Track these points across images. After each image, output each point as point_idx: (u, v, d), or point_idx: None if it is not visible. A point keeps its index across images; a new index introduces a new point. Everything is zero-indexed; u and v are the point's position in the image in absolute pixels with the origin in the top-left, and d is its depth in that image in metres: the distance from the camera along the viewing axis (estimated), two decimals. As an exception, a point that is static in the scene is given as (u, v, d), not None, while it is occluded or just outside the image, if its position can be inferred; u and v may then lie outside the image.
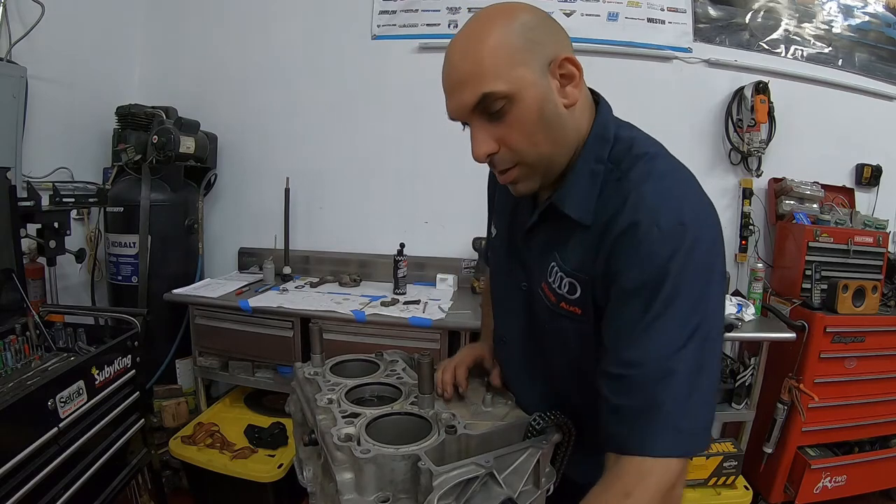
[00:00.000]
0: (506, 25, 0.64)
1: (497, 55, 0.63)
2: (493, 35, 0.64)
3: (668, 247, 0.60)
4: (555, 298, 0.74)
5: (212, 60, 2.71)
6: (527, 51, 0.64)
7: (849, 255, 2.15)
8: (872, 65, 2.53)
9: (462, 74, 0.65)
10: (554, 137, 0.68)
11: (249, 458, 1.89)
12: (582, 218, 0.69)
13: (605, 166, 0.70)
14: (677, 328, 0.59)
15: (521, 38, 0.64)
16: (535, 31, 0.65)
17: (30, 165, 2.10)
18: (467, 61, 0.65)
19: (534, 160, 0.69)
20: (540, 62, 0.65)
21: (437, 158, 2.56)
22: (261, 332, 2.10)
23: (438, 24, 2.52)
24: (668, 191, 0.64)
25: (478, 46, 0.64)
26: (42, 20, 2.04)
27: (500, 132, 0.67)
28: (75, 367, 1.35)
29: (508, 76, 0.63)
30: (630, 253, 0.62)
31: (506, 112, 0.65)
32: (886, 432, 2.18)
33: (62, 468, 1.27)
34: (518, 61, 0.64)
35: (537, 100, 0.65)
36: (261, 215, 2.68)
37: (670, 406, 0.58)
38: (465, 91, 0.65)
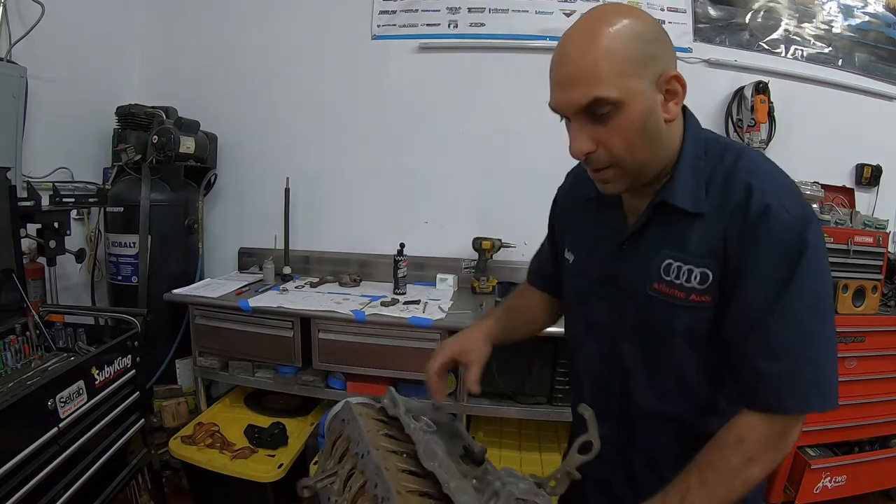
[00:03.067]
0: (629, 33, 0.66)
1: (615, 62, 0.65)
2: (615, 40, 0.65)
3: (798, 226, 0.66)
4: (683, 293, 0.74)
5: (212, 60, 2.71)
6: (642, 63, 0.66)
7: (849, 255, 2.15)
8: (872, 65, 2.53)
9: (576, 72, 0.67)
10: (651, 147, 0.71)
11: (249, 458, 1.89)
12: (697, 207, 0.72)
13: (703, 162, 0.74)
14: (815, 299, 0.67)
15: (639, 50, 0.66)
16: (652, 44, 0.67)
17: (30, 165, 2.10)
18: (584, 61, 0.66)
19: (629, 165, 0.71)
20: (652, 76, 0.67)
21: (437, 158, 2.56)
22: (261, 332, 2.10)
23: (438, 24, 2.52)
24: (780, 177, 0.71)
25: (597, 48, 0.65)
26: (42, 20, 2.04)
27: (601, 134, 0.69)
28: (75, 367, 1.35)
29: (621, 84, 0.65)
30: (766, 234, 0.66)
31: (611, 117, 0.67)
32: (886, 432, 2.18)
33: (62, 468, 1.26)
34: (633, 72, 0.66)
35: (643, 111, 0.67)
36: (261, 215, 2.68)
37: (813, 371, 0.66)
38: (576, 90, 0.67)
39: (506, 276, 2.41)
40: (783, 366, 0.66)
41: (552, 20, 2.45)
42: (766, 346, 0.67)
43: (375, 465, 0.73)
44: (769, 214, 0.66)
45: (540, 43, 2.45)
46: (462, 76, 2.53)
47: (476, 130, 2.53)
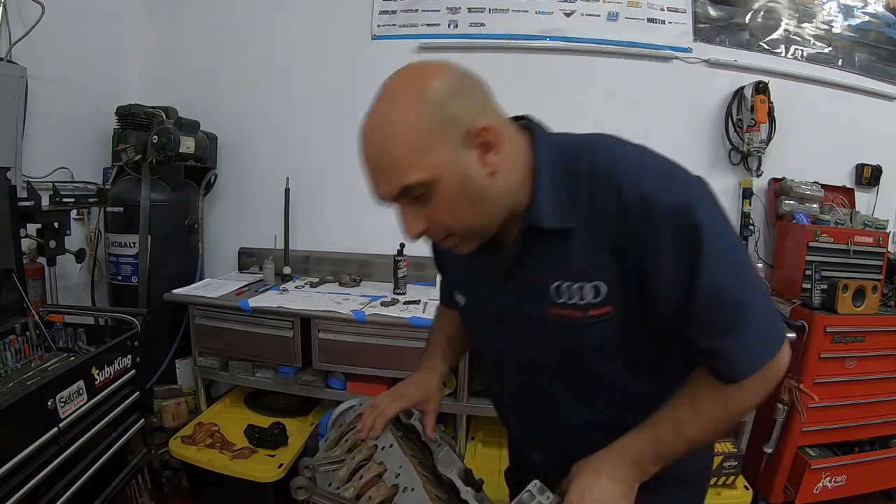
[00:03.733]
0: (417, 104, 0.62)
1: (410, 144, 0.62)
2: (404, 119, 0.62)
3: (683, 205, 0.62)
4: (580, 312, 0.71)
5: (212, 60, 2.71)
6: (441, 131, 0.62)
7: (849, 255, 2.15)
8: (872, 65, 2.53)
9: (377, 163, 0.65)
10: (481, 209, 0.67)
11: (249, 458, 1.89)
12: (565, 223, 0.68)
13: (561, 171, 0.69)
14: (729, 265, 0.64)
15: (433, 118, 0.61)
16: (448, 103, 0.62)
17: (30, 165, 2.10)
18: (382, 150, 0.64)
19: (465, 231, 0.69)
20: (456, 138, 0.63)
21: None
22: (261, 332, 2.10)
23: (438, 24, 2.52)
24: (645, 158, 0.67)
25: (390, 135, 0.62)
26: (42, 20, 2.04)
27: (427, 212, 0.67)
28: (75, 367, 1.35)
29: (424, 164, 0.62)
30: (654, 229, 0.63)
31: (429, 196, 0.64)
32: (886, 432, 2.18)
33: (62, 468, 1.26)
34: (433, 145, 0.62)
35: (457, 179, 0.64)
36: (261, 215, 2.68)
37: (754, 329, 0.65)
38: (383, 181, 0.65)
39: (506, 276, 2.41)
40: (726, 341, 0.64)
41: (552, 20, 2.45)
42: (702, 331, 0.66)
43: (399, 457, 0.76)
44: (648, 206, 0.62)
45: (540, 43, 2.45)
46: (462, 76, 2.53)
47: (476, 130, 2.52)
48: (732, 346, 0.65)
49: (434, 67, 0.66)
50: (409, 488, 0.71)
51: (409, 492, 0.70)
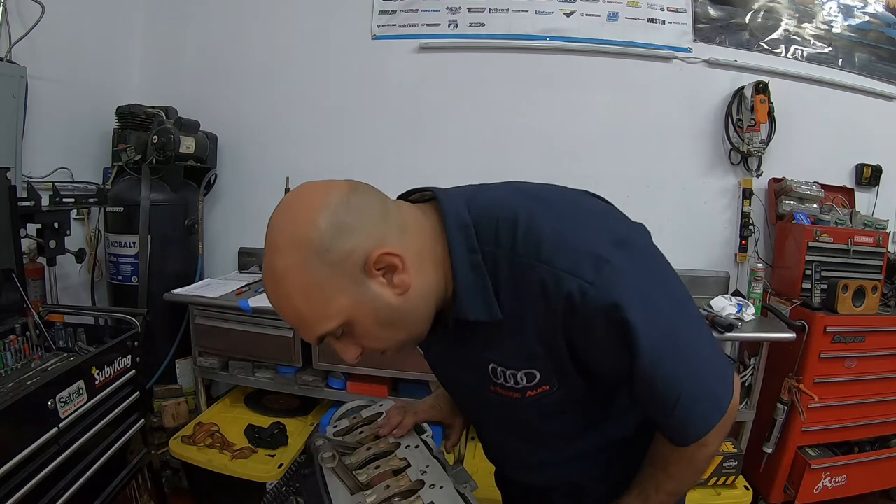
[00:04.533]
0: (301, 262, 0.58)
1: (308, 304, 0.60)
2: (293, 283, 0.59)
3: (606, 289, 0.58)
4: (517, 394, 0.71)
5: (212, 60, 2.71)
6: (336, 277, 0.59)
7: (849, 255, 2.15)
8: (872, 65, 2.53)
9: (290, 320, 0.64)
10: (402, 327, 0.66)
11: (249, 458, 1.89)
12: (493, 316, 0.65)
13: (481, 252, 0.64)
14: (668, 337, 0.62)
15: (323, 271, 0.58)
16: (336, 243, 0.58)
17: (30, 165, 2.10)
18: (288, 317, 0.63)
19: (396, 347, 0.69)
20: (355, 274, 0.60)
21: (437, 158, 2.56)
22: (261, 332, 2.09)
23: (438, 24, 2.52)
24: (565, 241, 0.61)
25: (287, 302, 0.61)
26: (42, 20, 2.04)
27: (355, 341, 0.67)
28: (75, 367, 1.35)
29: (331, 314, 0.61)
30: (583, 321, 0.60)
31: (349, 331, 0.64)
32: (886, 432, 2.18)
33: (62, 468, 1.27)
34: (331, 294, 0.60)
35: (369, 313, 0.62)
36: (261, 215, 2.63)
37: (701, 394, 0.66)
38: (303, 334, 0.65)
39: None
40: (675, 413, 0.65)
41: (552, 20, 2.45)
42: (649, 405, 0.67)
43: (427, 457, 0.79)
44: (573, 301, 0.59)
45: (540, 43, 2.45)
46: (462, 76, 2.53)
47: (476, 130, 2.53)
48: (680, 417, 0.66)
49: (312, 204, 0.60)
50: (437, 485, 0.72)
51: (437, 489, 0.72)
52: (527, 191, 0.69)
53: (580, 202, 0.70)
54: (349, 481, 0.75)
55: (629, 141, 2.48)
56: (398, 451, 0.83)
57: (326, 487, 0.75)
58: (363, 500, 0.71)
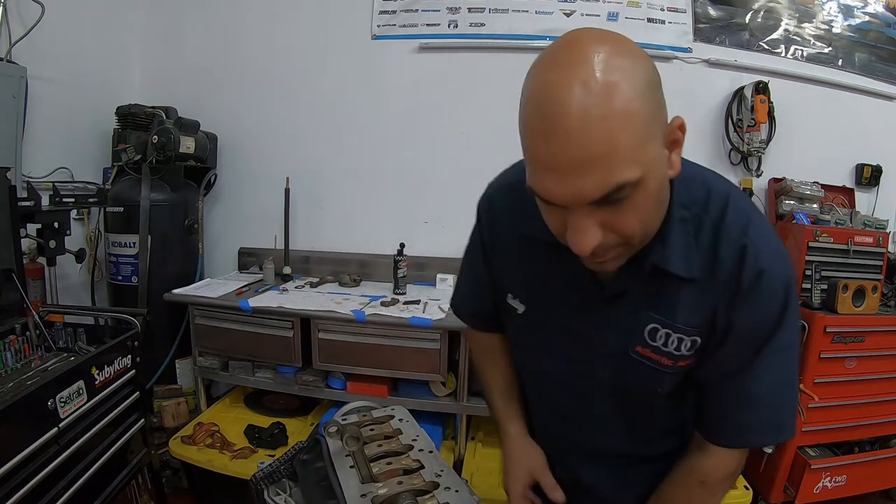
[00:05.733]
0: (640, 81, 0.50)
1: (635, 126, 0.49)
2: (630, 92, 0.48)
3: (784, 290, 0.63)
4: (671, 360, 0.69)
5: (212, 60, 2.71)
6: (656, 119, 0.52)
7: (849, 255, 2.15)
8: (872, 65, 2.53)
9: (584, 151, 0.48)
10: (661, 213, 0.61)
11: (249, 458, 1.89)
12: (690, 272, 0.64)
13: (689, 210, 0.64)
14: (788, 351, 0.66)
15: (653, 101, 0.51)
16: (659, 87, 0.53)
17: (30, 165, 2.10)
18: (595, 132, 0.48)
19: (640, 240, 0.60)
20: (661, 131, 0.54)
21: (437, 158, 2.56)
22: (261, 332, 2.09)
23: (438, 24, 2.52)
24: (768, 232, 0.65)
25: (612, 109, 0.48)
26: (42, 20, 2.04)
27: (611, 217, 0.54)
28: (75, 367, 1.35)
29: (642, 157, 0.51)
30: (755, 301, 0.63)
31: (626, 197, 0.52)
32: (886, 432, 2.18)
33: (62, 468, 1.26)
34: (651, 134, 0.51)
35: (660, 179, 0.55)
36: (261, 215, 2.68)
37: (779, 416, 0.69)
38: (586, 178, 0.50)
39: (506, 276, 2.41)
40: (752, 415, 0.68)
41: (552, 20, 2.45)
42: (739, 398, 0.68)
43: (442, 463, 0.79)
44: (760, 282, 0.62)
45: (540, 43, 2.45)
46: (462, 76, 2.53)
47: (476, 130, 2.52)
48: (752, 422, 0.68)
49: (627, 40, 0.53)
50: (452, 488, 0.72)
51: (452, 491, 0.72)
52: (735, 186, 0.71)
53: None
54: (363, 470, 0.75)
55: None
56: (411, 452, 0.83)
57: (336, 471, 0.75)
58: (374, 490, 0.71)
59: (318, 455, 0.84)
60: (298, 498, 0.82)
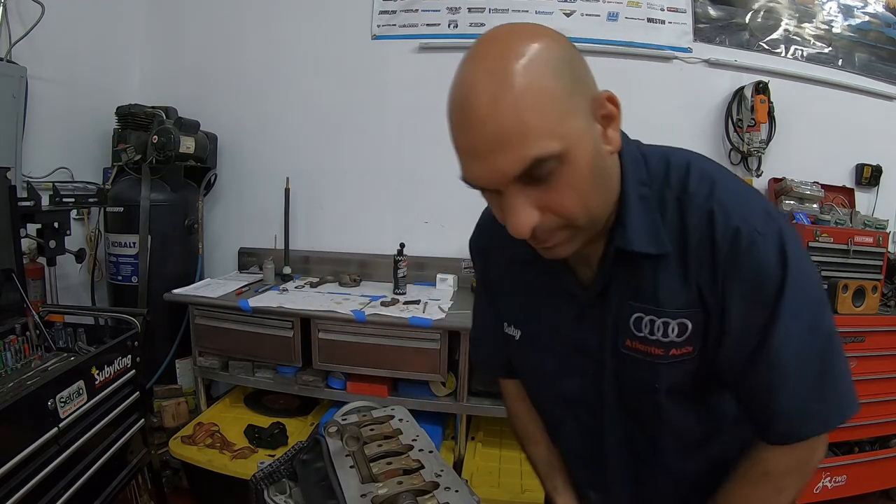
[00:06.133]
0: (547, 58, 0.50)
1: (545, 103, 0.49)
2: (535, 72, 0.49)
3: (774, 245, 0.57)
4: (661, 349, 0.63)
5: (212, 60, 2.71)
6: (574, 93, 0.52)
7: (849, 255, 2.15)
8: (872, 65, 2.53)
9: (497, 132, 0.50)
10: (603, 192, 0.59)
11: (249, 458, 1.89)
12: (660, 247, 0.61)
13: (649, 188, 0.62)
14: (809, 314, 0.58)
15: (566, 76, 0.51)
16: (575, 63, 0.53)
17: (30, 165, 2.10)
18: (504, 114, 0.49)
19: (584, 222, 0.57)
20: (585, 105, 0.54)
21: (437, 158, 2.54)
22: (261, 332, 2.09)
23: (438, 24, 2.52)
24: (738, 188, 0.61)
25: (517, 92, 0.49)
26: (42, 20, 2.04)
27: (544, 197, 0.54)
28: (75, 367, 1.35)
29: (559, 132, 0.50)
30: (742, 265, 0.57)
31: (554, 174, 0.52)
32: (886, 432, 2.18)
33: (62, 468, 1.26)
34: (568, 108, 0.51)
35: (589, 153, 0.54)
36: (261, 215, 2.68)
37: (828, 389, 0.59)
38: (503, 156, 0.51)
39: (506, 276, 2.41)
40: (795, 397, 0.59)
41: (552, 20, 2.45)
42: (772, 382, 0.59)
43: (442, 463, 0.79)
44: (739, 241, 0.57)
45: (540, 43, 2.45)
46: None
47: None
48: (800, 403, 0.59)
49: (539, 26, 0.54)
50: (452, 488, 0.72)
51: (452, 491, 0.72)
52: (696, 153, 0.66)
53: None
54: (363, 470, 0.75)
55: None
56: (411, 452, 0.83)
57: (336, 471, 0.75)
58: (374, 490, 0.71)
59: (318, 455, 0.84)
60: (298, 498, 0.82)
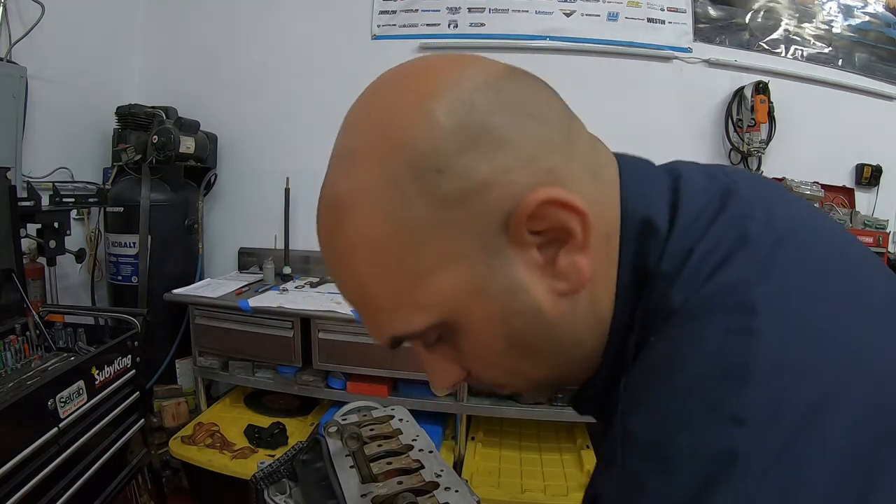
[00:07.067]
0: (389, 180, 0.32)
1: (385, 272, 0.33)
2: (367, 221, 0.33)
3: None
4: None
5: (212, 60, 2.71)
6: (447, 228, 0.32)
7: (849, 255, 2.15)
8: (872, 65, 2.53)
9: (350, 298, 0.38)
10: (548, 358, 0.38)
11: (249, 458, 1.89)
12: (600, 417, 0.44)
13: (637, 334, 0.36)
14: None
15: (425, 206, 0.32)
16: (460, 160, 0.32)
17: (30, 165, 2.09)
18: (342, 276, 0.37)
19: (525, 388, 0.41)
20: (484, 233, 0.33)
21: (437, 158, 2.56)
22: (261, 332, 2.09)
23: (438, 24, 2.52)
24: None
25: (349, 259, 0.35)
26: (42, 20, 2.04)
27: (458, 356, 0.39)
28: (75, 367, 1.35)
29: (422, 301, 0.34)
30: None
31: (449, 337, 0.37)
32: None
33: (62, 468, 1.26)
34: (431, 260, 0.33)
35: (496, 314, 0.34)
36: (261, 215, 2.68)
37: None
38: (371, 329, 0.38)
39: (506, 276, 2.41)
40: None
41: (552, 20, 2.45)
42: None
43: (442, 463, 0.79)
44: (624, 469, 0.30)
45: (540, 43, 2.45)
46: (462, 76, 2.53)
47: (476, 130, 2.53)
48: None
49: (430, 82, 0.35)
50: (452, 488, 0.73)
51: (452, 491, 0.72)
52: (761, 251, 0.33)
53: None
54: (363, 470, 0.75)
55: (629, 141, 2.43)
56: (411, 452, 0.83)
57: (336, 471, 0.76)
58: (374, 489, 0.71)
59: (318, 455, 0.84)
60: (298, 498, 0.82)
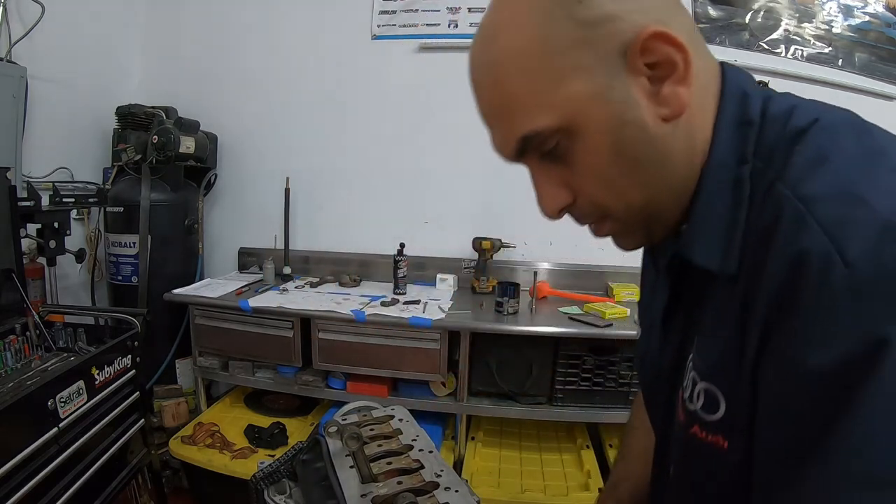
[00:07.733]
0: (533, 7, 0.39)
1: (532, 68, 0.39)
2: (514, 31, 0.39)
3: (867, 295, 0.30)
4: (684, 417, 0.44)
5: (212, 60, 2.71)
6: (581, 45, 0.38)
7: (849, 255, 2.15)
8: (872, 65, 2.53)
9: (487, 105, 0.45)
10: (647, 177, 0.42)
11: (249, 458, 1.89)
12: (723, 265, 0.40)
13: (752, 165, 0.40)
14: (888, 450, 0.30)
15: (567, 25, 0.38)
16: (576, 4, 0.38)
17: (30, 165, 2.10)
18: (486, 83, 0.43)
19: (622, 214, 0.44)
20: (607, 54, 0.39)
21: (438, 158, 2.56)
22: (261, 332, 2.10)
23: (438, 24, 2.52)
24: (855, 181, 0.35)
25: (495, 52, 0.41)
26: (42, 20, 2.04)
27: (570, 177, 0.44)
28: (75, 367, 1.35)
29: (551, 100, 0.39)
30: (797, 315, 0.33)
31: (564, 150, 0.42)
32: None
33: (62, 468, 1.26)
34: (567, 68, 0.39)
35: (609, 125, 0.40)
36: (261, 215, 2.68)
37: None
38: (497, 132, 0.45)
39: (506, 276, 2.41)
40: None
41: (552, 20, 2.45)
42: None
43: (442, 462, 0.79)
44: (800, 273, 0.33)
45: (540, 43, 2.45)
46: (462, 76, 2.48)
47: (476, 130, 2.49)
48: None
49: None
50: (452, 488, 0.73)
51: (452, 491, 0.72)
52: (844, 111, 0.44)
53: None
54: (363, 470, 0.75)
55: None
56: (411, 452, 0.83)
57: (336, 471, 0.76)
58: (374, 489, 0.71)
59: (318, 455, 0.84)
60: (298, 498, 0.82)
